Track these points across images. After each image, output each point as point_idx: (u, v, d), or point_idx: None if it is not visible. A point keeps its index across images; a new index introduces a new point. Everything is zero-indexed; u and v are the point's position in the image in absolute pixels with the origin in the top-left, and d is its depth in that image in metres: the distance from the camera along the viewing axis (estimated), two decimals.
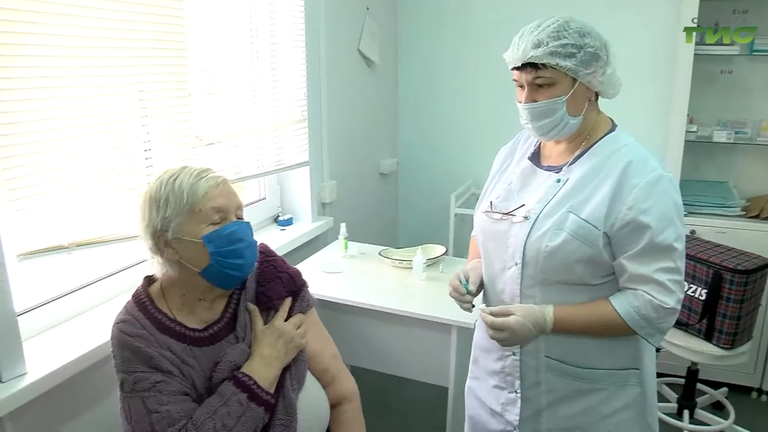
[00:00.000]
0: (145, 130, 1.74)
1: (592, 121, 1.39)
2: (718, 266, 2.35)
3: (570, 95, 1.32)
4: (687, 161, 2.88)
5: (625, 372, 1.39)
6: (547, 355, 1.40)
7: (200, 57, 1.96)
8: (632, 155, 1.31)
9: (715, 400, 2.81)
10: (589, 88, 1.35)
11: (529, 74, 1.32)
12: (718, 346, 2.38)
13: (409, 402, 2.88)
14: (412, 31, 3.54)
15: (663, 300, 1.26)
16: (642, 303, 1.28)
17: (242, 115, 2.22)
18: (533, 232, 1.34)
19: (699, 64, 2.75)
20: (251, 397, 1.21)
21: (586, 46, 1.29)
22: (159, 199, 1.24)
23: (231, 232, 1.25)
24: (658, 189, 1.27)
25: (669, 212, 1.27)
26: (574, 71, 1.29)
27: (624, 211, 1.27)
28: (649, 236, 1.25)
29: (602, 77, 1.33)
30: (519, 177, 1.47)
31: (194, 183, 1.24)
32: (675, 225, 1.27)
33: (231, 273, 1.26)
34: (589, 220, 1.29)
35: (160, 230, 1.23)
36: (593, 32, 1.32)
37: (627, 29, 3.06)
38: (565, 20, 1.32)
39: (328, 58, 2.71)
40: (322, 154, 2.76)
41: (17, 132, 1.38)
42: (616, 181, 1.29)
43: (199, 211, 1.23)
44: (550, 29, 1.30)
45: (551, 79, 1.31)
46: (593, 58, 1.30)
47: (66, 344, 1.50)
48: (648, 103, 3.11)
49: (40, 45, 1.41)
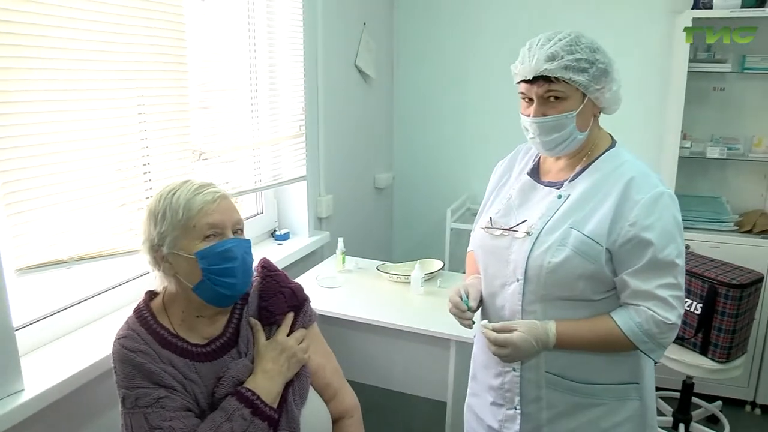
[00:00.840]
0: (144, 144, 1.74)
1: (594, 137, 1.40)
2: (713, 281, 2.37)
3: (579, 110, 1.32)
4: (681, 177, 2.92)
5: (625, 386, 1.39)
6: (547, 371, 1.40)
7: (199, 72, 1.97)
8: (634, 171, 1.32)
9: (710, 413, 2.83)
10: (596, 104, 1.35)
11: (541, 88, 1.31)
12: (713, 359, 2.39)
13: (407, 417, 2.86)
14: (408, 46, 3.57)
15: (665, 316, 1.27)
16: (644, 318, 1.28)
17: (240, 130, 2.23)
18: (535, 248, 1.34)
19: (692, 82, 2.80)
20: (255, 412, 1.21)
21: (598, 61, 1.30)
22: (157, 213, 1.23)
23: (225, 250, 1.23)
24: (659, 205, 1.28)
25: (671, 229, 1.28)
26: (585, 86, 1.30)
27: (626, 228, 1.27)
28: (651, 252, 1.26)
29: (609, 93, 1.34)
30: (518, 192, 1.47)
31: (191, 198, 1.23)
32: (676, 241, 1.28)
33: (222, 291, 1.24)
34: (592, 236, 1.29)
35: (157, 244, 1.23)
36: (602, 48, 1.34)
37: (621, 46, 3.09)
38: (576, 35, 1.32)
39: (326, 72, 2.72)
40: (318, 169, 2.76)
41: (16, 146, 1.38)
42: (618, 198, 1.29)
43: (193, 226, 1.22)
44: (563, 43, 1.30)
45: (563, 93, 1.30)
46: (603, 74, 1.31)
47: (64, 359, 1.49)
48: (642, 120, 3.15)
49: (41, 58, 1.41)
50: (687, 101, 2.80)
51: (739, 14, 2.69)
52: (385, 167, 3.61)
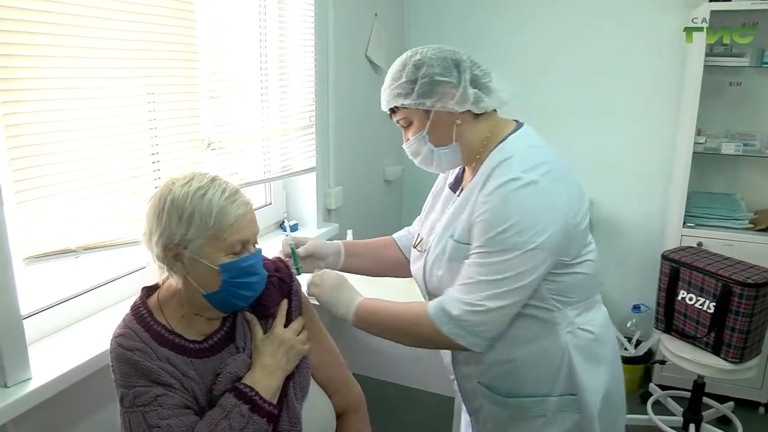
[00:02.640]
0: (154, 133, 1.72)
1: (477, 138, 1.35)
2: (727, 279, 2.33)
3: (429, 128, 1.32)
4: (694, 173, 2.88)
5: (562, 398, 1.35)
6: (479, 381, 1.41)
7: (210, 61, 1.95)
8: (503, 161, 1.27)
9: (721, 414, 2.79)
10: (451, 112, 1.31)
11: (393, 118, 1.38)
12: (726, 360, 2.36)
13: (414, 412, 2.85)
14: (419, 37, 3.53)
15: (465, 298, 1.24)
16: (447, 298, 1.27)
17: (250, 120, 2.21)
18: (427, 264, 1.40)
19: (708, 76, 2.74)
20: (253, 408, 1.18)
21: (421, 76, 1.30)
22: (183, 211, 1.16)
23: (249, 265, 1.21)
24: (498, 193, 1.23)
25: (501, 217, 1.22)
26: (417, 105, 1.31)
27: (474, 219, 1.27)
28: (478, 238, 1.25)
29: (455, 99, 1.30)
30: (440, 206, 1.49)
31: (224, 206, 1.17)
32: (508, 232, 1.21)
33: (236, 302, 1.23)
34: (460, 240, 1.31)
35: (177, 244, 1.17)
36: (435, 57, 1.32)
37: (636, 39, 3.06)
38: (411, 55, 1.34)
39: (337, 63, 2.70)
40: (328, 160, 2.74)
41: (25, 133, 1.36)
42: (478, 193, 1.28)
43: (224, 239, 1.17)
44: (392, 71, 1.35)
45: (407, 119, 1.35)
46: (432, 85, 1.30)
47: (72, 348, 1.48)
48: (656, 114, 3.11)
49: (50, 46, 1.40)
50: (702, 96, 2.75)
51: (760, 6, 2.61)
52: (395, 160, 3.58)
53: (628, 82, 3.12)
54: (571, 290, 1.33)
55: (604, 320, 1.42)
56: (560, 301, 1.32)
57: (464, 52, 1.35)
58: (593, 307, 1.41)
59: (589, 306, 1.38)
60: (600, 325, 1.39)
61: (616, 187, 3.25)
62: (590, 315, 1.38)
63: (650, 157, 3.18)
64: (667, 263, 2.60)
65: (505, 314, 1.26)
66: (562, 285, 1.31)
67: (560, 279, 1.30)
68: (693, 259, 2.52)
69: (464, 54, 1.35)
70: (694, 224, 2.90)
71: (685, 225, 2.90)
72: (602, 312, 1.44)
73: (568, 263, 1.30)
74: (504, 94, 1.36)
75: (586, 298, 1.37)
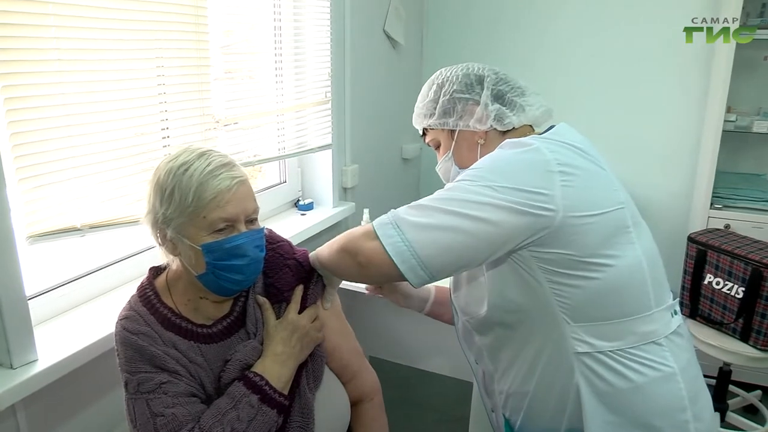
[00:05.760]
0: (163, 108, 1.66)
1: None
2: (757, 263, 2.24)
3: (454, 148, 1.31)
4: (723, 152, 2.76)
5: None
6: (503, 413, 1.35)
7: (222, 36, 1.88)
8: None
9: (748, 402, 2.71)
10: (474, 131, 1.27)
11: (425, 140, 1.40)
12: (755, 347, 2.28)
13: (431, 396, 2.81)
14: (439, 11, 3.42)
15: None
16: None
17: (264, 96, 2.14)
18: (451, 282, 1.44)
19: (740, 50, 2.61)
20: (263, 399, 1.12)
21: (442, 95, 1.30)
22: (165, 189, 1.10)
23: (234, 246, 1.11)
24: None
25: (481, 161, 1.14)
26: (441, 125, 1.31)
27: None
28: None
29: (477, 114, 1.26)
30: None
31: (204, 182, 1.08)
32: (481, 170, 1.11)
33: (227, 286, 1.15)
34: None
35: (162, 223, 1.12)
36: (458, 75, 1.30)
37: (665, 11, 2.93)
38: (438, 75, 1.33)
39: (353, 38, 2.61)
40: (344, 137, 2.67)
41: (29, 107, 1.31)
42: None
43: (203, 217, 1.09)
44: (421, 92, 1.36)
45: (435, 140, 1.36)
46: (453, 103, 1.29)
47: (78, 330, 1.44)
48: (684, 91, 2.97)
49: (56, 15, 1.34)
50: (734, 71, 2.62)
51: None
52: (413, 138, 3.49)
53: (655, 55, 2.99)
54: (586, 302, 1.11)
55: (661, 366, 1.13)
56: (570, 312, 1.12)
57: (492, 68, 1.31)
58: (638, 338, 1.13)
59: (624, 332, 1.12)
60: (649, 366, 1.12)
61: (639, 165, 3.12)
62: (625, 343, 1.12)
63: (677, 134, 3.05)
64: (694, 246, 2.51)
65: (443, 244, 1.06)
66: (570, 289, 1.11)
67: (569, 281, 1.10)
68: (721, 242, 2.42)
69: (490, 70, 1.31)
70: (721, 205, 2.79)
71: (713, 206, 2.79)
72: (659, 354, 1.13)
73: (576, 259, 1.08)
74: (536, 110, 1.28)
75: (612, 318, 1.12)
